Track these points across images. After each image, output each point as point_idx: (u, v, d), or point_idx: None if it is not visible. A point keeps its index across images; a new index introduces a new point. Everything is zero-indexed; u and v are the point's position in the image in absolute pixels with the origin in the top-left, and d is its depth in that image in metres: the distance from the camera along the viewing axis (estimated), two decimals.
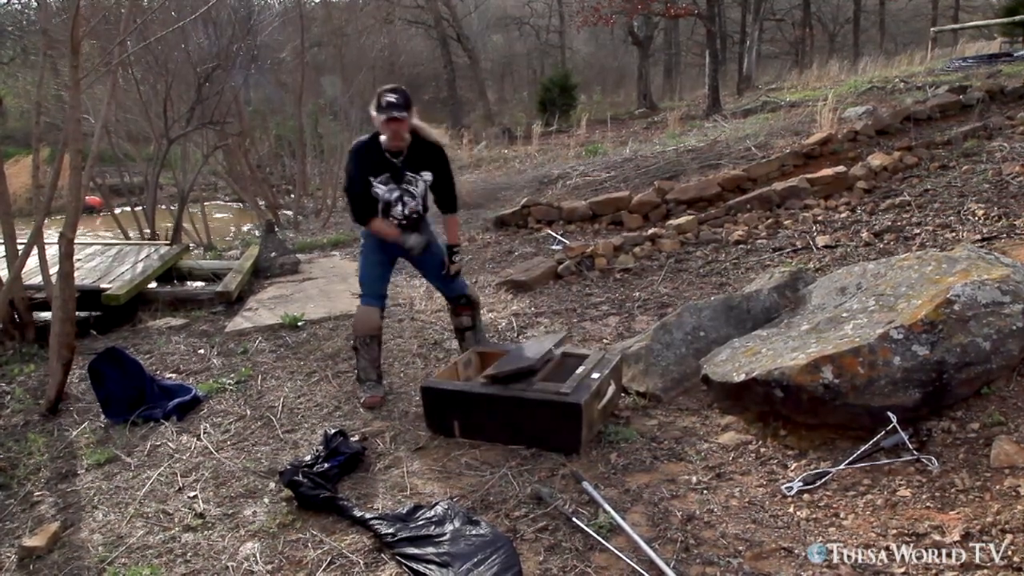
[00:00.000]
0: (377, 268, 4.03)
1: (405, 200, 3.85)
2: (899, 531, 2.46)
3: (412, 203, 3.87)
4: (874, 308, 3.39)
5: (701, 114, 15.99)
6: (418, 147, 3.82)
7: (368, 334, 4.00)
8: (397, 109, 3.59)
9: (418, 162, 3.83)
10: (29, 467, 3.61)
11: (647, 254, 6.36)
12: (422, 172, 3.85)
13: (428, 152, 3.86)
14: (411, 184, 3.84)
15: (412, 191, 3.85)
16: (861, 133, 8.23)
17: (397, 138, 3.71)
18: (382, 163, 3.79)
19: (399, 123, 3.63)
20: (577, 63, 29.23)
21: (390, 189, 3.82)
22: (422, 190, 3.87)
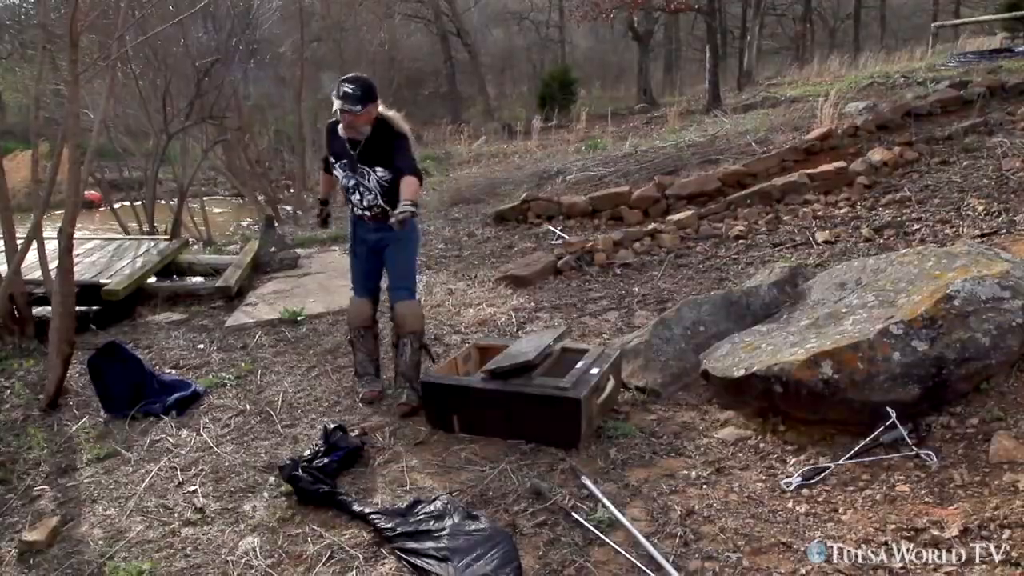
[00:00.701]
0: (361, 263, 3.97)
1: (361, 191, 3.74)
2: (898, 526, 2.47)
3: (369, 196, 3.74)
4: (874, 303, 3.39)
5: (701, 109, 15.95)
6: (377, 140, 3.66)
7: (360, 326, 3.98)
8: (350, 101, 3.47)
9: (373, 155, 3.67)
10: (29, 462, 3.61)
11: (647, 249, 6.35)
12: (376, 167, 3.68)
13: (386, 144, 3.67)
14: (363, 177, 3.71)
15: (366, 184, 3.72)
16: (861, 128, 8.21)
17: (350, 129, 3.60)
18: (342, 149, 3.72)
19: (351, 116, 3.52)
20: (577, 58, 29.16)
21: (346, 176, 3.75)
22: (374, 184, 3.70)
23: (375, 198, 3.73)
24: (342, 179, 3.78)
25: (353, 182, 3.74)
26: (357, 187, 3.74)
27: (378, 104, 3.61)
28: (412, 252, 3.94)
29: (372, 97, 3.53)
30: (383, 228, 3.78)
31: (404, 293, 3.83)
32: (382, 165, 3.67)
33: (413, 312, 3.84)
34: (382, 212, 3.74)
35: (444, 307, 5.53)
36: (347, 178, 3.75)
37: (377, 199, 3.73)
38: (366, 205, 3.76)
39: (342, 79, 3.54)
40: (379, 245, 3.87)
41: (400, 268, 3.87)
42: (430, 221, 9.40)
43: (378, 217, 3.79)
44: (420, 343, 3.89)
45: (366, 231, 3.88)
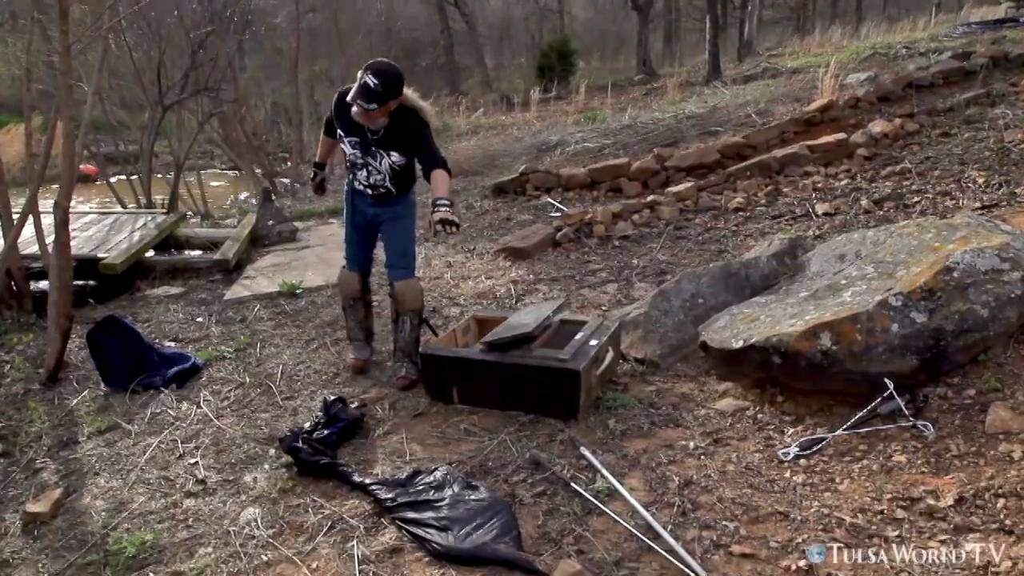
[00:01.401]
0: (352, 234, 3.92)
1: (369, 170, 3.64)
2: (894, 496, 2.49)
3: (377, 176, 3.64)
4: (873, 275, 3.39)
5: (701, 80, 15.83)
6: (399, 126, 3.51)
7: (349, 296, 3.98)
8: (367, 98, 3.26)
9: (391, 141, 3.55)
10: (31, 435, 3.63)
11: (646, 221, 6.34)
12: (391, 151, 3.57)
13: (405, 129, 3.53)
14: (375, 159, 3.60)
15: (376, 166, 3.62)
16: (863, 100, 8.16)
17: (365, 121, 3.43)
18: (356, 126, 3.53)
19: (363, 111, 3.34)
20: (576, 29, 28.86)
21: (355, 154, 3.63)
22: (386, 167, 3.61)
23: (383, 179, 3.65)
24: (349, 155, 3.66)
25: (361, 160, 3.64)
26: (365, 166, 3.64)
27: (401, 98, 3.40)
28: (410, 228, 3.85)
29: (394, 94, 3.33)
30: (382, 204, 3.74)
31: (403, 272, 3.78)
32: (398, 150, 3.57)
33: (412, 290, 3.80)
34: (385, 192, 3.69)
35: (443, 279, 5.53)
36: (355, 156, 3.64)
37: (385, 180, 3.65)
38: (371, 183, 3.68)
39: (369, 66, 3.29)
40: (376, 220, 3.82)
41: (398, 245, 3.80)
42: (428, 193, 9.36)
43: (381, 196, 3.72)
44: (420, 319, 3.87)
45: (364, 204, 3.80)
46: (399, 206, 3.77)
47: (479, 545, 2.37)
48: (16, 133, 13.02)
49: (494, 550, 2.34)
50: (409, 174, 3.71)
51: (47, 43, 7.65)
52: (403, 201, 3.78)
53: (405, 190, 3.76)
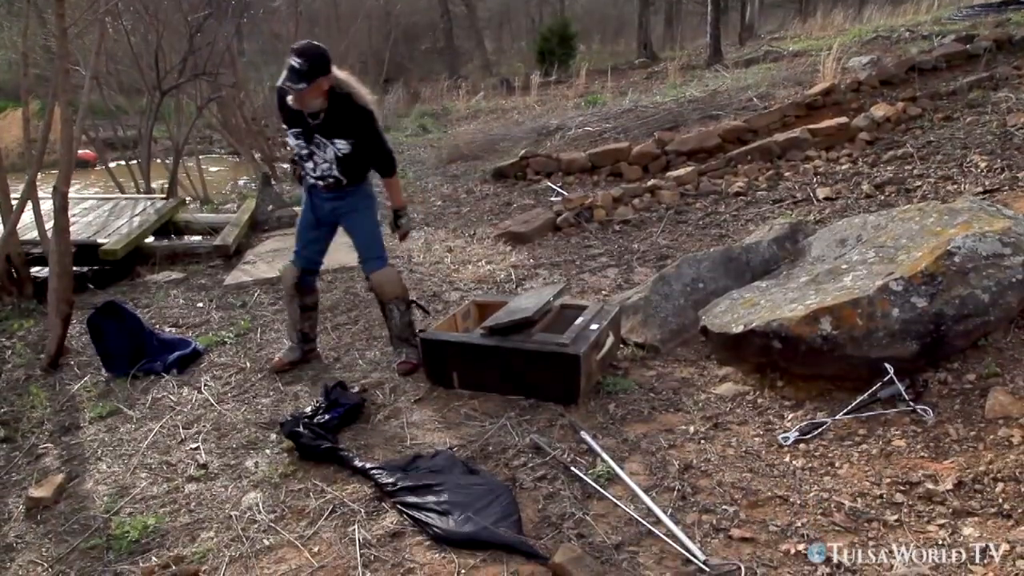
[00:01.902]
0: (304, 230, 3.81)
1: (315, 160, 3.55)
2: (893, 480, 2.50)
3: (324, 166, 3.54)
4: (874, 260, 3.38)
5: (702, 64, 15.73)
6: (337, 111, 3.42)
7: (287, 290, 3.89)
8: (295, 79, 3.22)
9: (333, 128, 3.45)
10: (32, 420, 3.64)
11: (646, 206, 6.32)
12: (335, 139, 3.46)
13: (348, 118, 3.45)
14: (319, 148, 3.51)
15: (321, 155, 3.53)
16: (865, 83, 8.11)
17: (300, 104, 3.36)
18: (296, 116, 3.47)
19: (295, 93, 3.28)
20: (576, 12, 28.67)
21: (299, 145, 3.54)
22: (331, 157, 3.50)
23: (330, 168, 3.55)
24: (294, 147, 3.59)
25: (307, 151, 3.55)
26: (311, 156, 3.55)
27: (330, 75, 3.33)
28: (373, 220, 3.77)
29: (322, 70, 3.27)
30: (338, 197, 3.66)
31: (376, 263, 3.72)
32: (342, 137, 3.46)
33: (389, 279, 3.74)
34: (335, 183, 3.60)
35: (443, 264, 5.52)
36: (300, 147, 3.55)
37: (332, 170, 3.55)
38: (319, 175, 3.58)
39: (292, 49, 3.27)
40: (332, 216, 3.73)
41: (364, 237, 3.73)
42: (428, 178, 9.35)
43: (332, 186, 3.63)
44: (407, 304, 3.82)
45: (321, 199, 3.71)
46: (356, 198, 3.69)
47: (479, 529, 2.38)
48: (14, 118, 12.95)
49: (494, 534, 2.35)
50: (359, 164, 3.60)
51: (43, 27, 7.60)
52: (359, 192, 3.70)
53: (358, 180, 3.66)
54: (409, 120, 16.57)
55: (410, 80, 22.10)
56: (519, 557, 2.28)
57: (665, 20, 29.03)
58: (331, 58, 3.34)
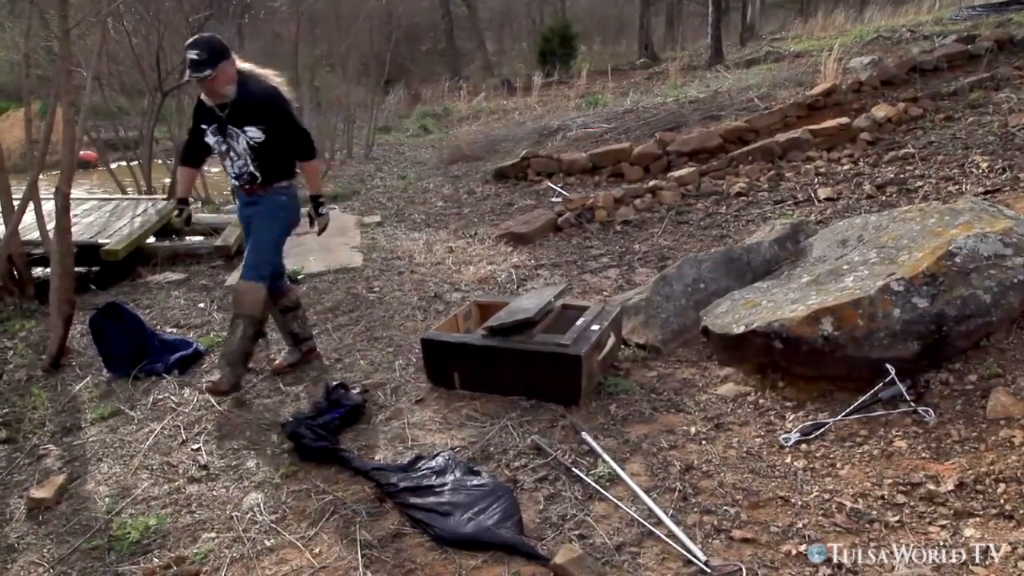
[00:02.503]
0: (247, 235, 3.71)
1: (231, 156, 3.47)
2: (895, 480, 2.49)
3: (239, 162, 3.46)
4: (875, 260, 3.38)
5: (703, 65, 15.74)
6: (245, 97, 3.39)
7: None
8: (197, 68, 3.22)
9: (242, 116, 3.40)
10: (34, 421, 3.64)
11: (648, 206, 6.33)
12: (246, 127, 3.40)
13: (256, 104, 3.39)
14: (233, 139, 3.43)
15: (235, 147, 3.45)
16: (866, 84, 8.11)
17: (211, 95, 3.36)
18: (211, 112, 3.45)
19: (204, 83, 3.28)
20: (577, 12, 28.67)
21: (217, 141, 3.49)
22: (243, 147, 3.42)
23: (244, 164, 3.46)
24: (213, 144, 3.51)
25: (224, 147, 3.48)
26: (228, 152, 3.48)
27: (233, 61, 3.35)
28: (272, 231, 3.59)
29: (222, 55, 3.26)
30: (254, 202, 3.57)
31: (249, 272, 3.54)
32: (252, 124, 3.40)
33: (251, 294, 3.54)
34: (250, 179, 3.50)
35: (444, 265, 5.53)
36: (218, 143, 3.49)
37: (247, 164, 3.46)
38: (236, 172, 3.50)
39: (187, 46, 3.28)
40: (249, 220, 3.64)
41: (254, 246, 3.57)
42: (429, 179, 9.35)
43: (249, 187, 3.54)
44: (255, 330, 3.62)
45: (243, 205, 3.64)
46: (267, 204, 3.56)
47: (481, 530, 2.38)
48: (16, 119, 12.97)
49: (496, 535, 2.35)
50: (275, 155, 3.49)
51: (46, 28, 7.61)
52: (272, 199, 3.57)
53: (274, 179, 3.54)
54: (410, 121, 16.58)
55: (411, 81, 22.13)
56: (520, 558, 2.28)
57: (666, 21, 29.05)
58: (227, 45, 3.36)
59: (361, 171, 11.02)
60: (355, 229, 6.98)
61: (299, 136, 3.53)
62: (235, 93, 3.36)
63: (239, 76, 3.39)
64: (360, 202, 8.48)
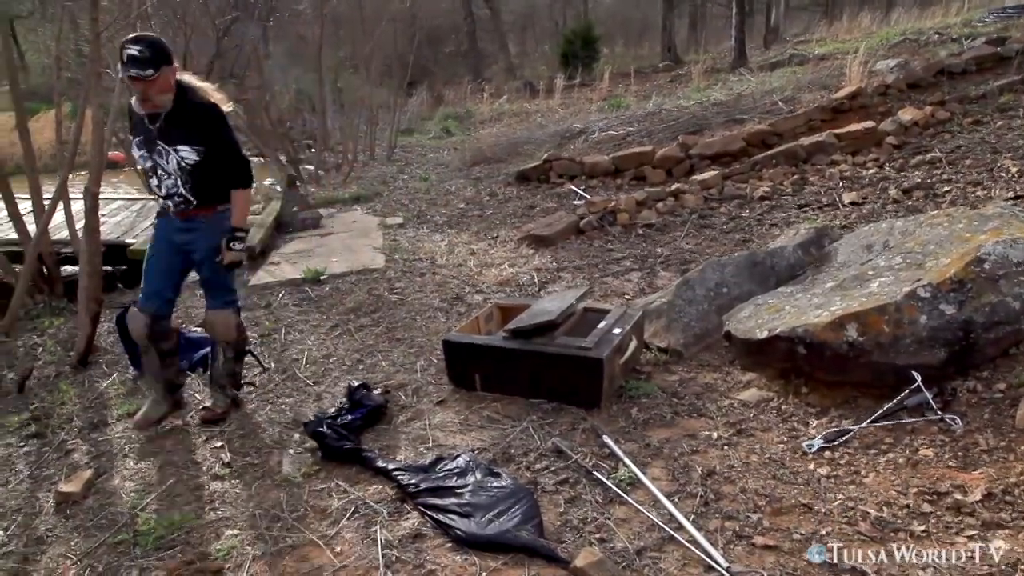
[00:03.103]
0: (152, 263, 3.30)
1: (160, 174, 3.11)
2: (920, 490, 2.46)
3: (168, 181, 3.11)
4: (901, 266, 3.35)
5: (727, 67, 15.65)
6: (180, 113, 3.02)
7: (140, 339, 3.39)
8: (138, 65, 2.85)
9: (175, 132, 3.04)
10: (62, 416, 3.70)
11: (670, 209, 6.30)
12: (178, 146, 3.05)
13: (194, 120, 3.04)
14: (161, 157, 3.07)
15: (164, 166, 3.09)
16: (892, 87, 8.02)
17: (146, 102, 3.00)
18: (140, 123, 3.08)
19: (142, 83, 2.90)
20: (600, 15, 28.65)
21: (143, 156, 3.12)
22: (173, 167, 3.07)
23: (175, 185, 3.11)
24: (138, 159, 3.17)
25: (149, 163, 3.11)
26: (154, 170, 3.12)
27: (175, 69, 3.04)
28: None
29: (166, 59, 2.93)
30: (194, 228, 3.22)
31: (214, 302, 3.37)
32: (186, 143, 3.05)
33: (224, 323, 3.39)
34: (183, 202, 3.16)
35: (466, 267, 5.54)
36: (143, 158, 3.13)
37: (177, 185, 3.11)
38: (165, 192, 3.15)
39: (125, 41, 2.90)
40: (187, 248, 3.26)
41: (219, 280, 3.34)
42: (451, 180, 9.38)
43: (184, 210, 3.18)
44: (238, 352, 3.51)
45: (172, 229, 3.25)
46: (211, 233, 3.21)
47: (501, 532, 2.38)
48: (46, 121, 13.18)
49: (516, 537, 2.35)
50: (211, 178, 3.15)
51: (76, 31, 7.74)
52: (215, 224, 3.22)
53: (214, 200, 3.20)
54: (433, 123, 16.64)
55: (434, 83, 22.21)
56: (540, 560, 2.28)
57: (689, 23, 28.92)
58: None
59: (383, 172, 11.08)
60: (377, 230, 7.02)
61: (237, 161, 3.17)
62: (170, 104, 3.01)
63: (177, 87, 3.06)
64: (382, 203, 8.52)
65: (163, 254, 3.27)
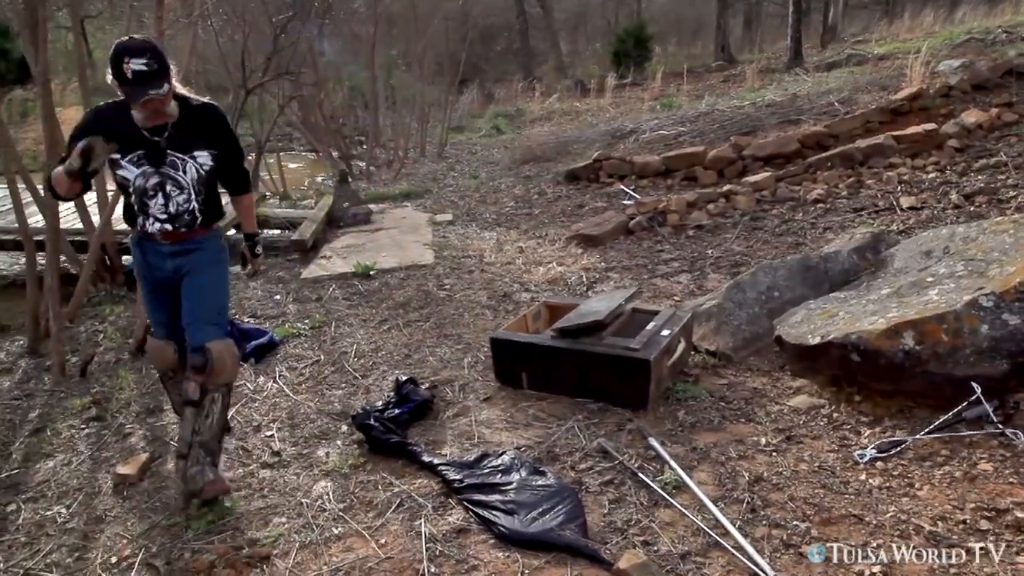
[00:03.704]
0: (160, 302, 2.90)
1: (168, 191, 2.68)
2: (978, 505, 2.38)
3: (180, 198, 2.70)
4: (962, 273, 3.24)
5: (782, 67, 15.35)
6: (187, 116, 2.66)
7: (167, 369, 3.07)
8: (153, 84, 2.45)
9: (188, 138, 2.68)
10: (120, 401, 3.82)
11: (721, 211, 6.22)
12: (195, 152, 2.70)
13: (201, 122, 2.70)
14: (176, 169, 2.68)
15: (178, 179, 2.69)
16: (955, 88, 7.77)
17: (158, 117, 2.59)
18: (135, 137, 2.61)
19: (157, 102, 2.51)
20: (653, 13, 28.34)
21: (144, 174, 2.65)
22: (192, 176, 2.70)
23: (188, 200, 2.72)
24: (136, 179, 2.65)
25: (155, 180, 2.67)
26: (162, 186, 2.68)
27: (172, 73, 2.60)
28: (224, 277, 2.89)
29: (166, 63, 2.51)
30: (184, 251, 2.79)
31: (215, 330, 2.79)
32: (203, 148, 2.72)
33: (232, 356, 2.83)
34: (190, 221, 2.75)
35: (514, 264, 5.55)
36: (143, 177, 2.65)
37: (190, 200, 2.72)
38: (173, 212, 2.71)
39: (120, 51, 2.43)
40: (179, 273, 2.82)
41: (209, 300, 2.83)
42: (501, 179, 9.40)
43: (185, 231, 2.76)
44: (228, 397, 2.91)
45: (160, 258, 2.79)
46: (208, 251, 2.84)
47: (545, 530, 2.39)
48: None
49: (560, 536, 2.35)
50: (215, 192, 2.84)
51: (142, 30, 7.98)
52: (211, 241, 2.87)
53: (214, 217, 2.86)
54: (483, 121, 16.71)
55: (485, 81, 22.30)
56: (583, 561, 2.28)
57: (744, 22, 28.44)
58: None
59: (433, 170, 11.17)
60: (427, 227, 7.08)
61: (241, 161, 2.92)
62: (177, 110, 2.63)
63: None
64: (432, 200, 8.59)
65: (161, 287, 2.85)
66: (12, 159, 4.89)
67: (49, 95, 4.52)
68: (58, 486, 3.08)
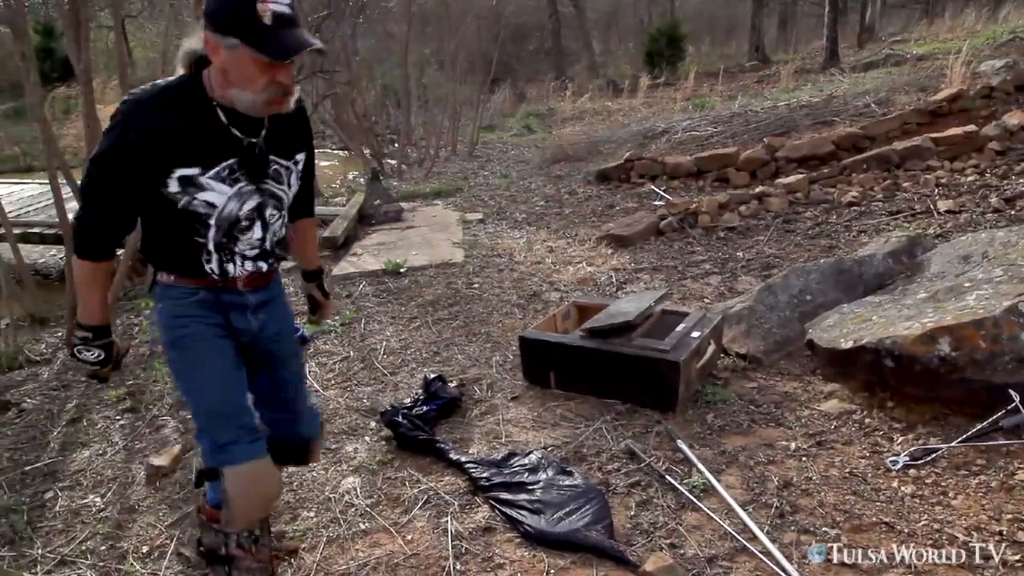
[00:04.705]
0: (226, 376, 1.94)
1: (268, 216, 1.89)
2: (1015, 516, 2.33)
3: (277, 223, 1.94)
4: (1002, 279, 3.18)
5: (817, 67, 15.15)
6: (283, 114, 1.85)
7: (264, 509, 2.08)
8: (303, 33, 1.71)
9: (290, 136, 1.92)
10: (154, 393, 3.89)
11: (753, 213, 6.15)
12: (295, 152, 1.95)
13: (295, 115, 1.92)
14: (279, 182, 1.91)
15: (281, 196, 1.93)
16: (997, 89, 7.59)
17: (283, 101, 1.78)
18: (221, 138, 1.77)
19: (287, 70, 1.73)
20: (686, 13, 28.12)
21: (239, 194, 1.81)
22: (288, 188, 1.94)
23: (282, 226, 1.98)
24: (228, 204, 1.80)
25: (254, 203, 1.85)
26: (260, 212, 1.88)
27: None
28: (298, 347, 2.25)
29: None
30: (267, 300, 2.03)
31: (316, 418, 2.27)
32: (301, 150, 1.98)
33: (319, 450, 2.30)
34: (273, 260, 1.99)
35: (544, 264, 5.55)
36: (241, 198, 1.82)
37: (282, 224, 1.98)
38: (268, 247, 1.94)
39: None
40: (263, 335, 2.03)
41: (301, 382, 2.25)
42: (531, 178, 9.41)
43: (263, 276, 1.98)
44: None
45: (241, 314, 1.97)
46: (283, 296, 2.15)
47: (571, 531, 2.39)
48: None
49: (586, 537, 2.35)
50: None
51: (181, 28, 8.12)
52: (282, 290, 2.16)
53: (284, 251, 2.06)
54: (514, 120, 16.72)
55: (517, 80, 22.31)
56: (609, 562, 2.28)
57: (779, 22, 28.07)
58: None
59: (464, 168, 11.20)
60: (457, 225, 7.11)
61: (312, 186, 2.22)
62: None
63: None
64: (463, 199, 8.62)
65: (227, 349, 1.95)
66: (54, 155, 5.01)
67: (91, 93, 4.62)
68: (93, 475, 3.15)
